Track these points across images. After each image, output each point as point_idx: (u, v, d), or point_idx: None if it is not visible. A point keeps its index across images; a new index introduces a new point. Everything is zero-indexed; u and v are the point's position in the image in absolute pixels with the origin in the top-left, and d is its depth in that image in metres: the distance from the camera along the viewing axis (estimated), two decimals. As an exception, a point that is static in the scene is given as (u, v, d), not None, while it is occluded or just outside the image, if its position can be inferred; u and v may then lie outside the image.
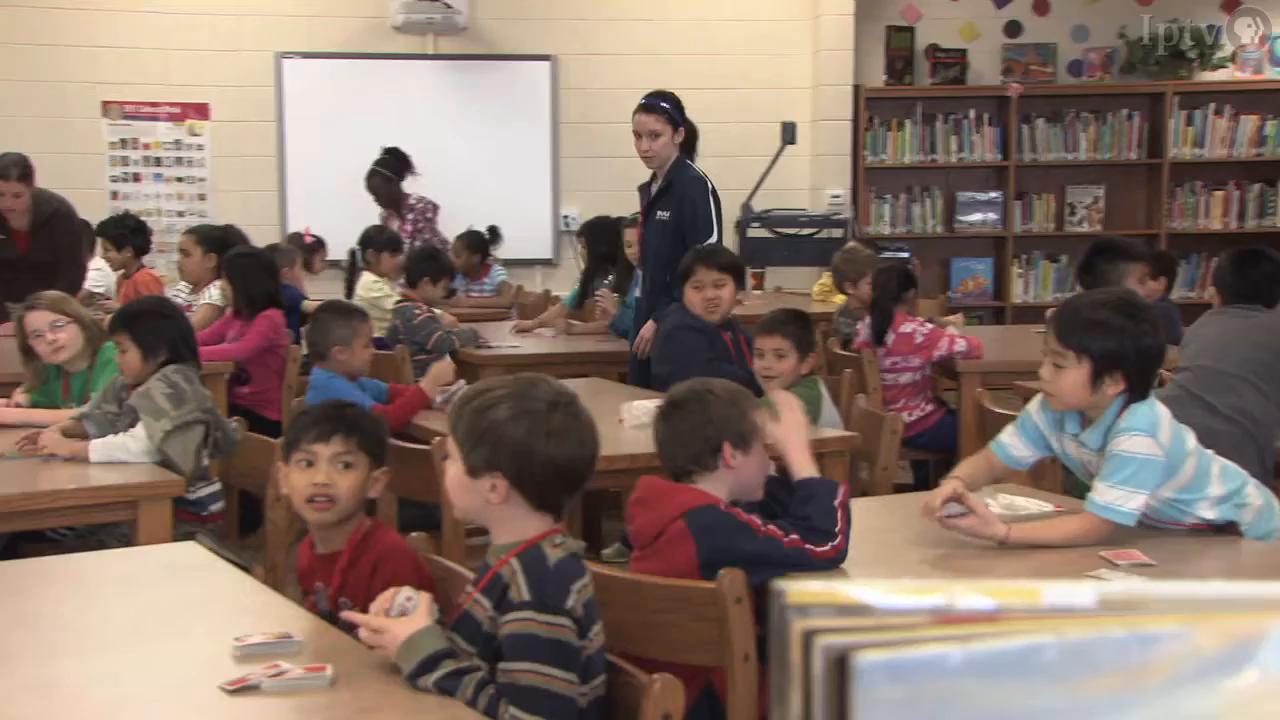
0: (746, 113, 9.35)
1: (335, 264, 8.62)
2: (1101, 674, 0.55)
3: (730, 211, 9.19)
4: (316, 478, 2.51)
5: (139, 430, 3.46)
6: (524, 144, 9.08)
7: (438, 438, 3.41)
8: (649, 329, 5.01)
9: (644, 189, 5.33)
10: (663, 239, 5.05)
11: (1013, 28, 9.52)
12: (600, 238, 6.86)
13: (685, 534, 2.49)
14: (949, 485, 2.76)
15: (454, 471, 2.07)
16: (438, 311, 5.99)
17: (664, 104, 5.09)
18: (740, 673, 2.29)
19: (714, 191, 5.16)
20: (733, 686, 2.30)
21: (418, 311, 5.85)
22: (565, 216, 9.53)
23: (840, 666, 0.50)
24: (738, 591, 2.27)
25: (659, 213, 5.08)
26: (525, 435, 2.00)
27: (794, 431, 2.66)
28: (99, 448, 3.44)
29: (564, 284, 8.93)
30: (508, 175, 8.95)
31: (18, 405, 4.18)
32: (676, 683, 1.87)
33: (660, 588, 2.35)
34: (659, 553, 2.49)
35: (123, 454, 3.42)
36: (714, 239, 5.01)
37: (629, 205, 7.32)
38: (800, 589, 0.54)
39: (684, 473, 2.64)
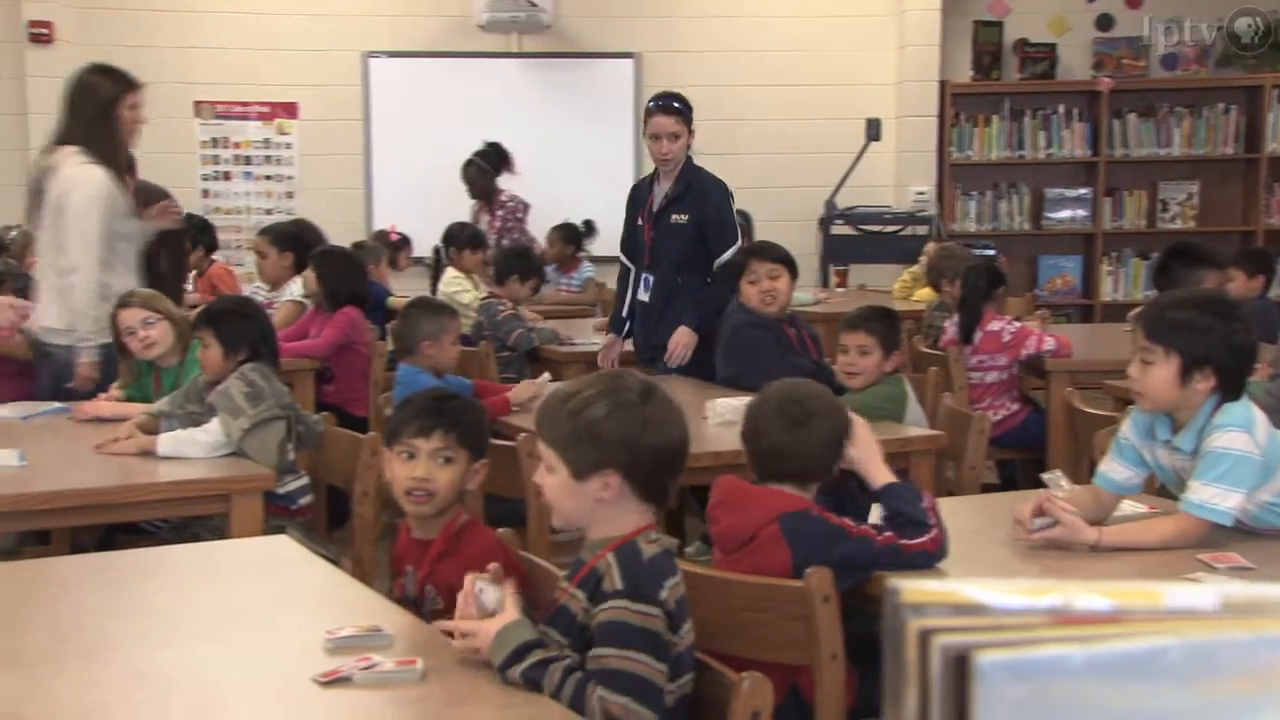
0: (830, 109, 9.30)
1: (419, 261, 8.71)
2: (1227, 676, 0.53)
3: (813, 208, 9.17)
4: (416, 471, 2.57)
5: (212, 425, 3.51)
6: (607, 142, 9.10)
7: (524, 433, 3.43)
8: (685, 338, 4.87)
9: (642, 189, 5.23)
10: (678, 242, 4.97)
11: (1104, 21, 9.37)
12: None
13: (780, 539, 2.48)
14: (1035, 498, 2.72)
15: (557, 480, 2.06)
16: (521, 309, 6.02)
17: (681, 105, 5.05)
18: (828, 671, 2.28)
19: (731, 195, 5.15)
20: (820, 685, 2.29)
21: (501, 308, 5.89)
22: (648, 214, 9.53)
23: (960, 666, 0.49)
24: (825, 590, 2.26)
25: (675, 216, 4.98)
26: (628, 427, 2.01)
27: (868, 450, 2.64)
28: (167, 442, 3.49)
29: (646, 281, 8.95)
30: (591, 173, 8.96)
31: (112, 398, 4.26)
32: (765, 681, 1.86)
33: (748, 586, 2.34)
34: (751, 557, 2.47)
35: (190, 448, 3.47)
36: (737, 243, 5.00)
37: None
38: (915, 588, 0.53)
39: (786, 476, 2.63)
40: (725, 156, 9.33)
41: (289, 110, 9.31)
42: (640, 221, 5.11)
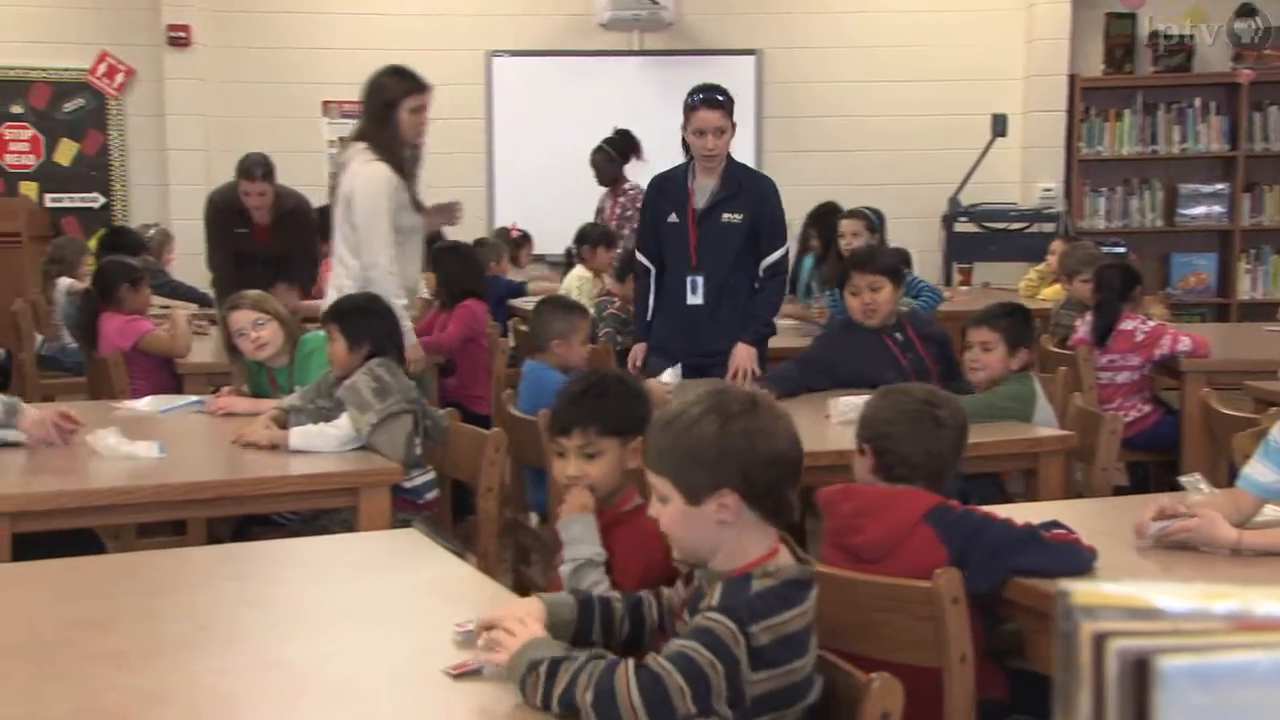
0: (954, 104, 9.17)
1: (540, 258, 8.78)
2: None
3: (937, 206, 9.05)
4: (568, 469, 2.65)
5: (342, 420, 3.56)
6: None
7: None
8: (749, 358, 4.66)
9: (673, 185, 4.85)
10: (730, 243, 4.73)
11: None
12: (830, 226, 6.67)
13: (932, 538, 2.46)
14: (1155, 503, 2.65)
15: (671, 509, 1.96)
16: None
17: (725, 98, 4.73)
18: (957, 673, 2.24)
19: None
20: (949, 687, 2.25)
21: (607, 307, 5.93)
22: (769, 212, 9.48)
23: (1139, 671, 0.47)
24: (954, 591, 2.23)
25: (726, 215, 4.72)
26: (738, 442, 1.91)
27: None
28: (298, 435, 3.55)
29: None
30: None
31: (240, 391, 4.36)
32: (895, 682, 1.83)
33: (877, 586, 2.31)
34: (901, 562, 2.44)
35: (321, 442, 3.53)
36: (785, 248, 4.81)
37: (832, 200, 7.26)
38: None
39: (920, 478, 2.61)
40: (847, 153, 9.28)
41: (413, 110, 9.43)
42: (674, 218, 4.79)
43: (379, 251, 4.60)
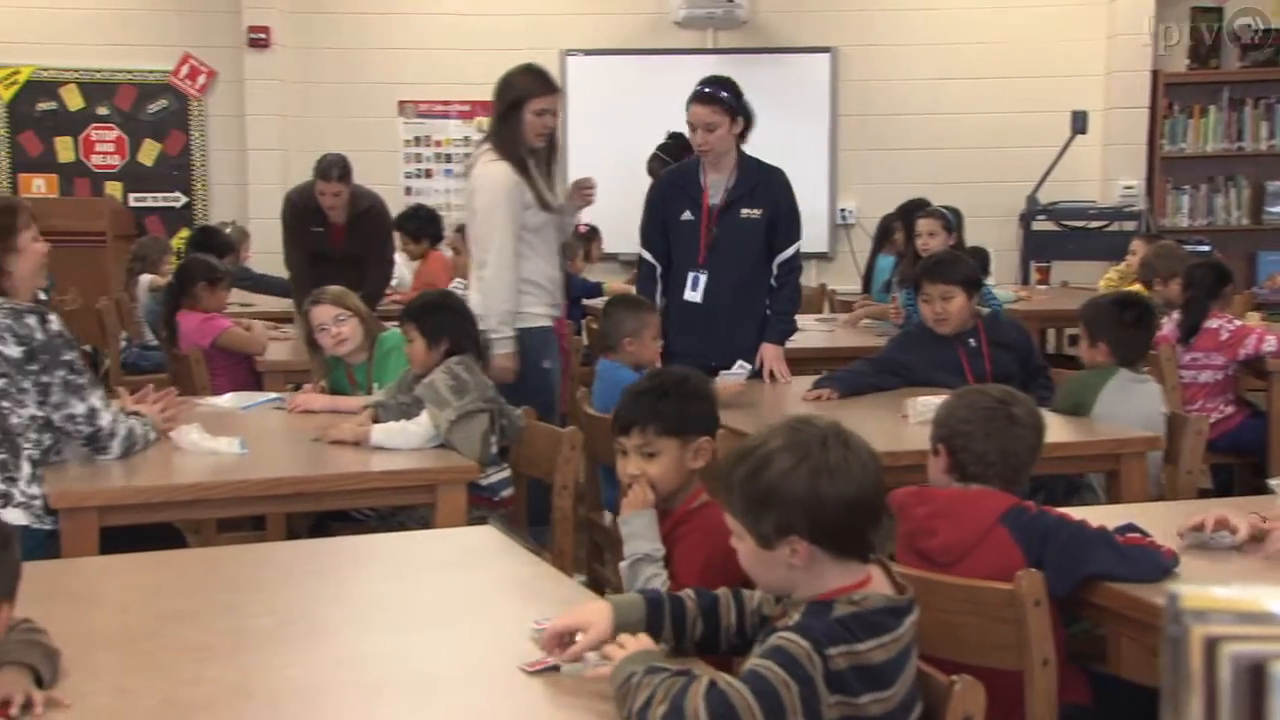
0: (1032, 101, 9.07)
1: (613, 256, 8.80)
2: None
3: (1014, 204, 8.95)
4: (629, 468, 2.67)
5: (422, 418, 3.59)
6: (802, 137, 9.02)
7: (720, 430, 3.42)
8: (780, 359, 4.65)
9: (684, 180, 4.79)
10: (749, 239, 4.68)
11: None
12: (914, 223, 6.61)
13: (1008, 540, 2.44)
14: (1215, 512, 2.59)
15: (746, 549, 1.92)
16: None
17: (723, 93, 4.62)
18: (1039, 677, 2.22)
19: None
20: (1030, 692, 2.23)
21: None
22: (842, 210, 9.44)
23: (1254, 676, 0.46)
24: (1036, 593, 2.20)
25: (745, 211, 4.67)
26: (808, 484, 1.83)
27: None
28: (380, 432, 3.58)
29: (840, 278, 8.87)
30: (785, 169, 8.90)
31: (321, 388, 4.41)
32: (977, 684, 1.81)
33: (955, 588, 2.29)
34: (978, 565, 2.42)
35: (402, 439, 3.55)
36: (800, 240, 4.75)
37: (907, 198, 7.19)
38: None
39: (995, 478, 2.59)
40: (923, 151, 9.21)
41: (488, 109, 9.40)
42: (689, 215, 4.71)
43: (490, 251, 4.60)
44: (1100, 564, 2.39)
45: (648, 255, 4.82)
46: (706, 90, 4.61)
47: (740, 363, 4.32)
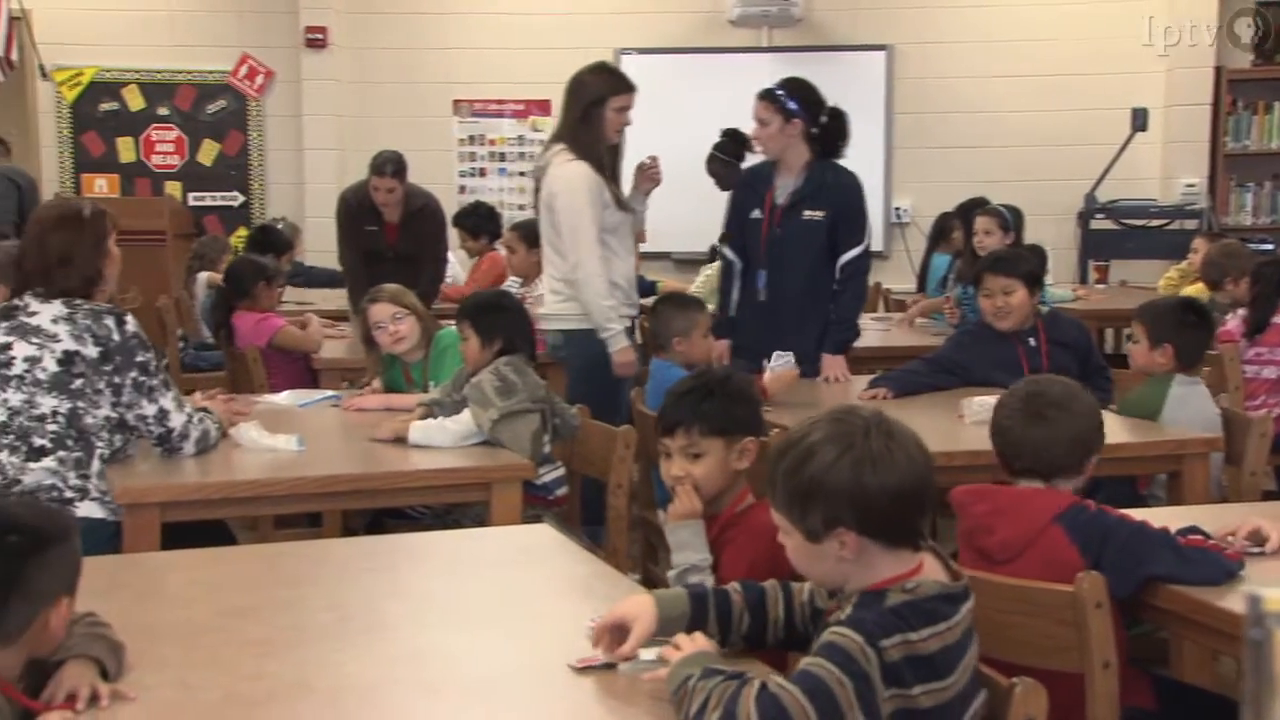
0: (1091, 98, 8.97)
1: (665, 255, 8.80)
2: None
3: (1072, 202, 8.86)
4: (673, 470, 2.66)
5: (463, 416, 3.60)
6: (856, 136, 8.88)
7: (775, 429, 3.41)
8: (839, 367, 4.65)
9: (757, 179, 4.85)
10: (812, 241, 4.68)
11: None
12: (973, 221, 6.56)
13: (1064, 539, 2.42)
14: (1251, 521, 2.55)
15: (793, 544, 1.89)
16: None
17: (778, 92, 4.68)
18: (1100, 680, 2.19)
19: (863, 193, 4.83)
20: (1092, 695, 2.20)
21: None
22: (897, 209, 9.40)
23: (1341, 683, 0.45)
24: (1098, 595, 2.18)
25: (807, 212, 4.67)
26: (852, 475, 1.80)
27: None
28: (418, 430, 3.59)
29: (894, 277, 8.82)
30: (839, 167, 8.88)
31: (375, 388, 4.43)
32: (1039, 687, 1.79)
33: (1015, 589, 2.26)
34: (1035, 562, 2.40)
35: (440, 437, 3.56)
36: (865, 243, 4.72)
37: (962, 197, 7.14)
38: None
39: (1029, 472, 2.58)
40: (980, 149, 9.14)
41: (542, 107, 9.53)
42: (757, 214, 4.76)
43: (584, 251, 4.62)
44: (1161, 566, 2.36)
45: (727, 251, 4.92)
46: (765, 88, 4.71)
47: (777, 353, 4.30)
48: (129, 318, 3.27)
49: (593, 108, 4.65)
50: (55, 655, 1.83)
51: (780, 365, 4.21)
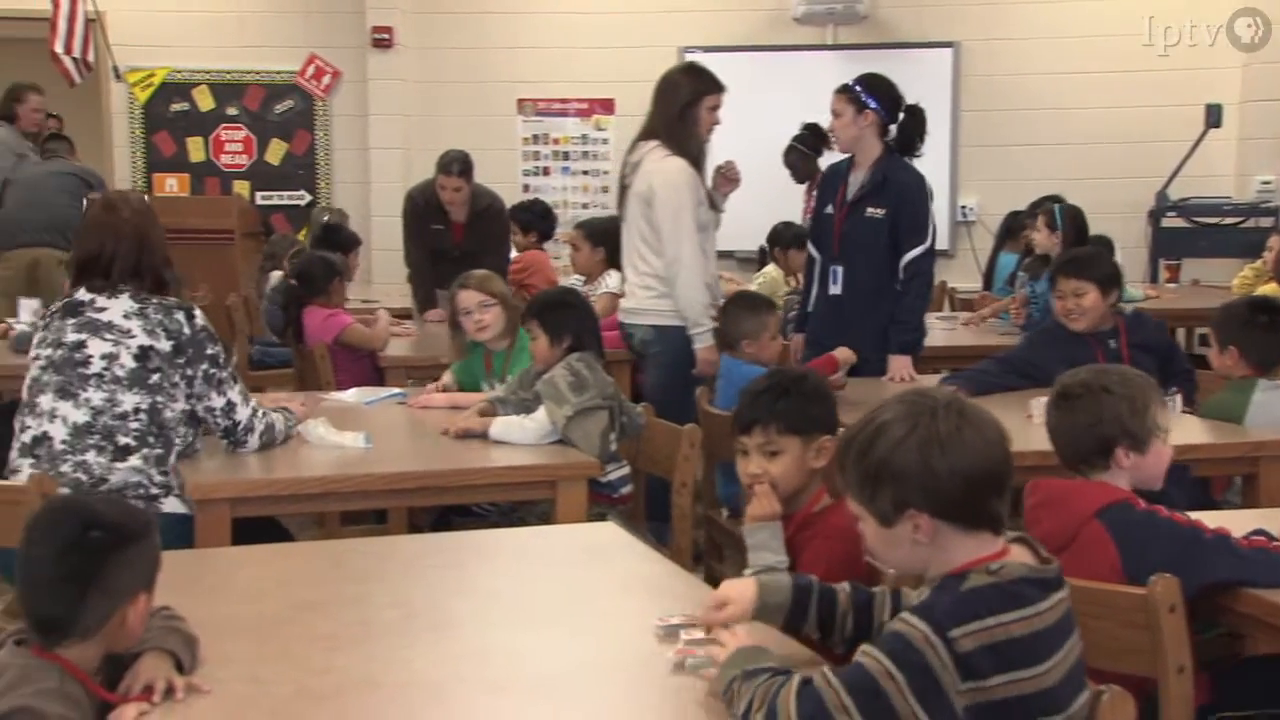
0: (1163, 94, 8.85)
1: (729, 254, 8.77)
2: None
3: (1142, 200, 8.73)
4: (750, 468, 2.66)
5: (540, 414, 3.61)
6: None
7: (843, 428, 3.39)
8: (905, 367, 4.61)
9: (835, 176, 4.88)
10: (874, 237, 4.67)
11: None
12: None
13: (1104, 536, 2.38)
14: None
15: (869, 530, 1.85)
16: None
17: (855, 86, 4.69)
18: (1174, 685, 2.15)
19: (930, 193, 4.80)
20: (1166, 700, 2.17)
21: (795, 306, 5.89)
22: (963, 207, 9.32)
23: None
24: (1171, 598, 2.14)
25: (869, 209, 4.68)
26: (920, 456, 1.75)
27: None
28: (498, 426, 3.60)
29: (960, 276, 8.74)
30: (904, 165, 8.83)
31: (444, 386, 4.44)
32: (1126, 695, 1.74)
33: (1086, 591, 2.23)
34: (1074, 558, 2.36)
35: (519, 434, 3.57)
36: (927, 243, 4.68)
37: (1030, 196, 7.07)
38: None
39: (1066, 463, 2.55)
40: (1048, 146, 9.04)
41: (606, 106, 9.55)
42: (830, 209, 4.81)
43: (684, 246, 4.68)
44: (1220, 571, 2.32)
45: (811, 247, 5.00)
46: (844, 82, 4.74)
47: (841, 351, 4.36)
48: (198, 311, 3.31)
49: (688, 107, 4.73)
50: (132, 648, 1.86)
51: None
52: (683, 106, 4.73)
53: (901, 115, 4.73)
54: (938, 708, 1.65)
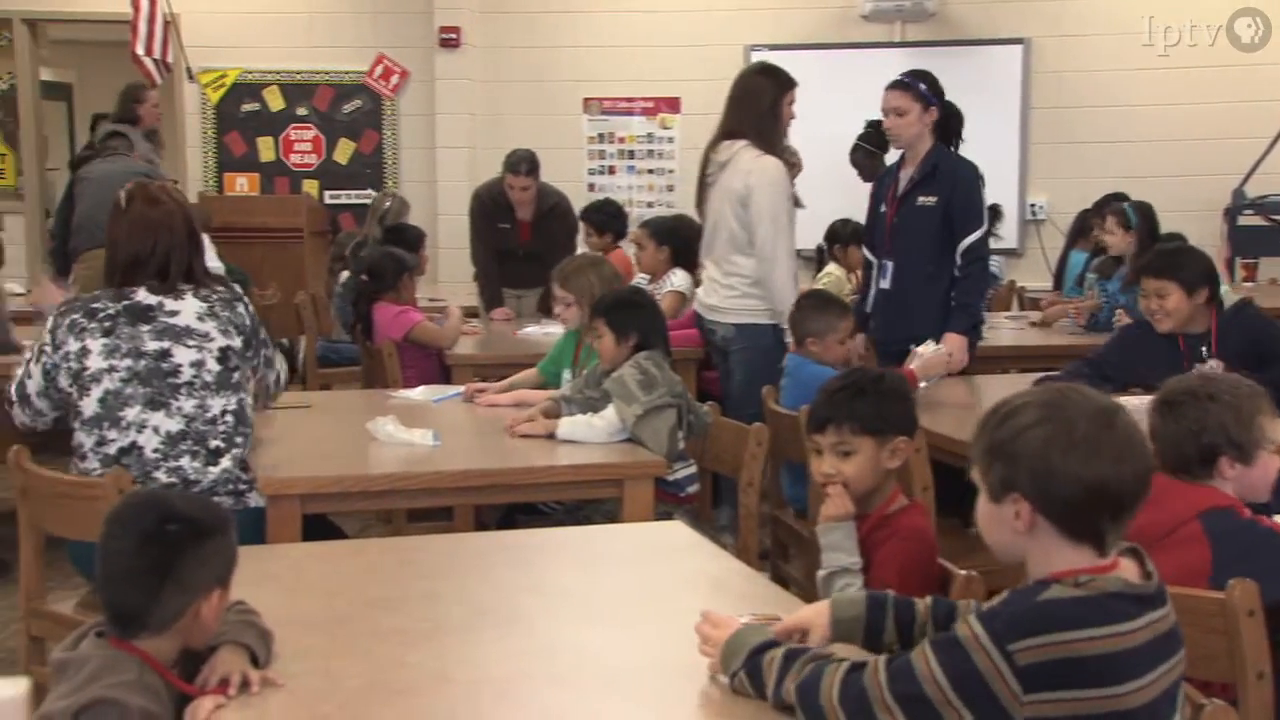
0: (1239, 90, 8.70)
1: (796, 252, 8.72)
2: None
3: (1218, 198, 8.59)
4: (823, 467, 2.64)
5: (608, 412, 3.61)
6: (992, 131, 8.79)
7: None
8: (960, 348, 4.54)
9: (887, 176, 4.92)
10: (926, 226, 4.66)
11: None
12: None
13: (1200, 536, 2.34)
14: None
15: (980, 502, 1.81)
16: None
17: (911, 80, 4.70)
18: (1253, 692, 2.12)
19: (982, 179, 4.76)
20: (1244, 707, 2.13)
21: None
22: (1032, 205, 9.22)
23: None
24: (1250, 604, 2.10)
25: (920, 198, 4.68)
26: (1042, 446, 1.70)
27: None
28: (566, 425, 3.61)
29: (1029, 275, 8.65)
30: (977, 163, 8.74)
31: (510, 386, 4.45)
32: (1230, 710, 1.71)
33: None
34: (1166, 551, 2.32)
35: (587, 433, 3.57)
36: (982, 230, 4.66)
37: (1100, 193, 6.98)
38: None
39: (1179, 474, 2.51)
40: (1119, 144, 8.92)
41: (672, 105, 9.54)
42: (883, 208, 4.84)
43: (780, 244, 4.78)
44: None
45: (865, 251, 5.03)
46: (899, 78, 4.74)
47: (929, 343, 4.35)
48: (243, 295, 3.34)
49: (775, 107, 4.82)
50: (208, 642, 1.89)
51: (929, 351, 4.26)
52: (771, 104, 4.82)
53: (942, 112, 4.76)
54: (987, 715, 1.62)
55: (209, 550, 1.86)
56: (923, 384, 4.14)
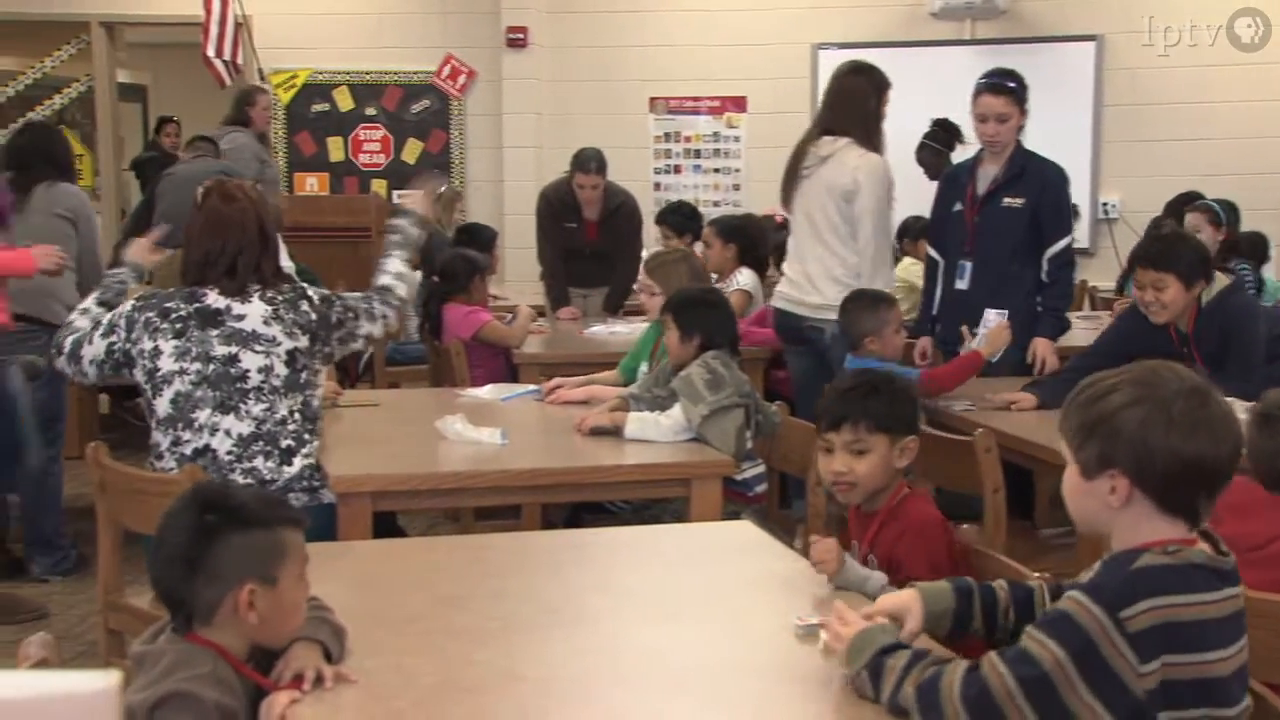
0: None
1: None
2: None
3: (1285, 198, 8.43)
4: (834, 465, 2.62)
5: (675, 411, 3.60)
6: (1063, 129, 8.65)
7: (980, 429, 3.34)
8: (1049, 352, 4.51)
9: (960, 175, 4.88)
10: (1012, 227, 4.61)
11: None
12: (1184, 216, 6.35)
13: None
14: None
15: (1069, 475, 1.83)
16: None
17: (1012, 84, 4.66)
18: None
19: (1069, 182, 4.72)
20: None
21: None
22: (1105, 204, 9.10)
23: None
24: (1330, 611, 2.06)
25: (1007, 199, 4.63)
26: (1141, 424, 1.73)
27: None
28: (634, 422, 3.61)
29: (1102, 274, 8.54)
30: (1047, 161, 8.65)
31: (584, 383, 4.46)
32: None
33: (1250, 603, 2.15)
34: (1258, 567, 2.28)
35: (654, 431, 3.57)
36: (1070, 236, 4.63)
37: (1173, 192, 6.87)
38: None
39: (1259, 480, 2.47)
40: (1196, 141, 8.77)
41: (738, 104, 9.52)
42: (959, 207, 4.78)
43: (884, 240, 4.81)
44: None
45: (930, 250, 4.99)
46: (1000, 82, 4.69)
47: (990, 311, 4.40)
48: (309, 289, 3.34)
49: (876, 105, 4.87)
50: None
51: (993, 322, 4.26)
52: (876, 104, 4.86)
53: None
54: (1110, 691, 1.63)
55: (239, 541, 1.83)
56: (992, 358, 4.12)
